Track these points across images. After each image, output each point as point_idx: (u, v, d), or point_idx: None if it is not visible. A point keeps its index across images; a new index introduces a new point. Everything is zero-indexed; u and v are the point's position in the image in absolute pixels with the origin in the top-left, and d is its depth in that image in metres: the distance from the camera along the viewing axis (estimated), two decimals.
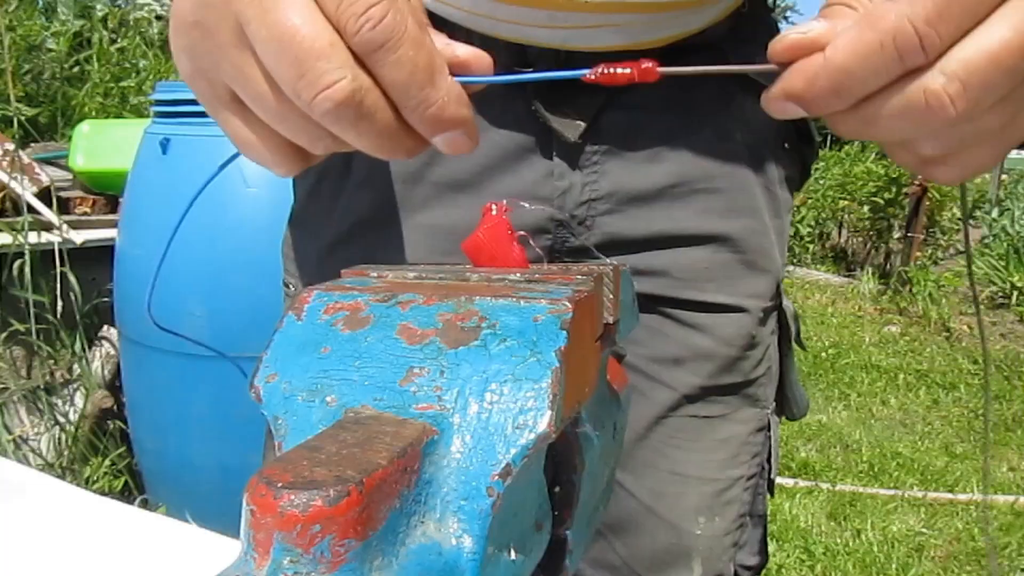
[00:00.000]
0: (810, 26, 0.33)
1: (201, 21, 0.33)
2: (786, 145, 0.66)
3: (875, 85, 0.30)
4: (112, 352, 2.16)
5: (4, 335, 1.98)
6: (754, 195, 0.63)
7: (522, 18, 0.55)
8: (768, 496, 0.70)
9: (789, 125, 0.66)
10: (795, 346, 0.72)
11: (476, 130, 0.34)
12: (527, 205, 0.36)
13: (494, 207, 0.36)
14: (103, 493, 1.71)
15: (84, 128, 2.27)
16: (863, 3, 0.32)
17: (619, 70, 0.35)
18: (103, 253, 2.03)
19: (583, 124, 0.58)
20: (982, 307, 4.50)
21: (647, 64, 0.35)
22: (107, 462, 2.01)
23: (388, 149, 0.34)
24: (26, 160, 2.15)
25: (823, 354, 3.85)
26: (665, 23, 0.56)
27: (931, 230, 5.14)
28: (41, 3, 3.42)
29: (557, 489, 0.32)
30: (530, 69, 0.57)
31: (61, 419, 2.07)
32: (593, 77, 0.35)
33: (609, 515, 0.66)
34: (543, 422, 0.24)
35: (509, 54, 0.56)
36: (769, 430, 0.69)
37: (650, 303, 0.63)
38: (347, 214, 0.63)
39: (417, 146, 0.34)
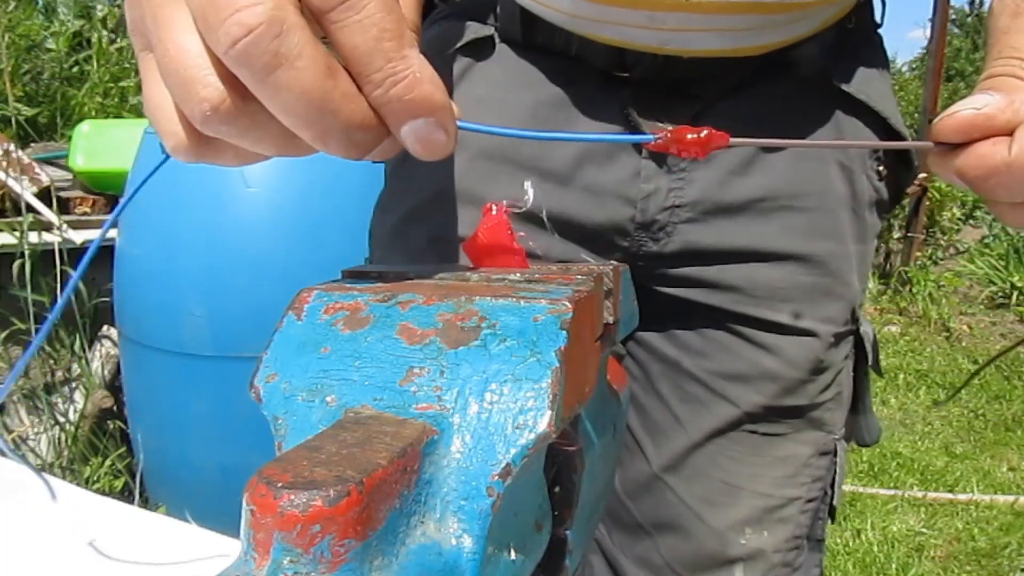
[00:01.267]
0: (982, 100, 0.30)
1: None
2: (881, 169, 0.64)
3: None
4: (112, 352, 2.16)
5: (4, 335, 1.98)
6: (840, 218, 0.62)
7: (622, 19, 0.53)
8: (829, 522, 0.69)
9: (888, 150, 0.64)
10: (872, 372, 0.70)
11: (455, 124, 0.29)
12: (526, 206, 0.35)
13: (494, 207, 0.36)
14: (103, 493, 1.71)
15: (84, 128, 2.27)
16: None
17: (689, 136, 0.31)
18: (103, 253, 2.03)
19: None
20: (981, 307, 4.50)
21: (717, 133, 0.31)
22: (107, 462, 2.01)
23: (319, 128, 0.26)
24: (26, 160, 2.15)
25: None
26: (770, 28, 0.54)
27: (931, 230, 5.13)
28: (41, 3, 3.42)
29: (557, 489, 0.32)
30: (626, 74, 0.56)
31: (61, 419, 2.07)
32: (658, 143, 0.31)
33: (656, 515, 0.66)
34: (543, 422, 0.24)
35: (609, 57, 0.56)
36: (835, 455, 0.67)
37: (720, 317, 0.63)
38: (425, 186, 0.61)
39: (367, 136, 0.27)
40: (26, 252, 1.96)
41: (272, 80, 0.25)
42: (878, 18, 0.64)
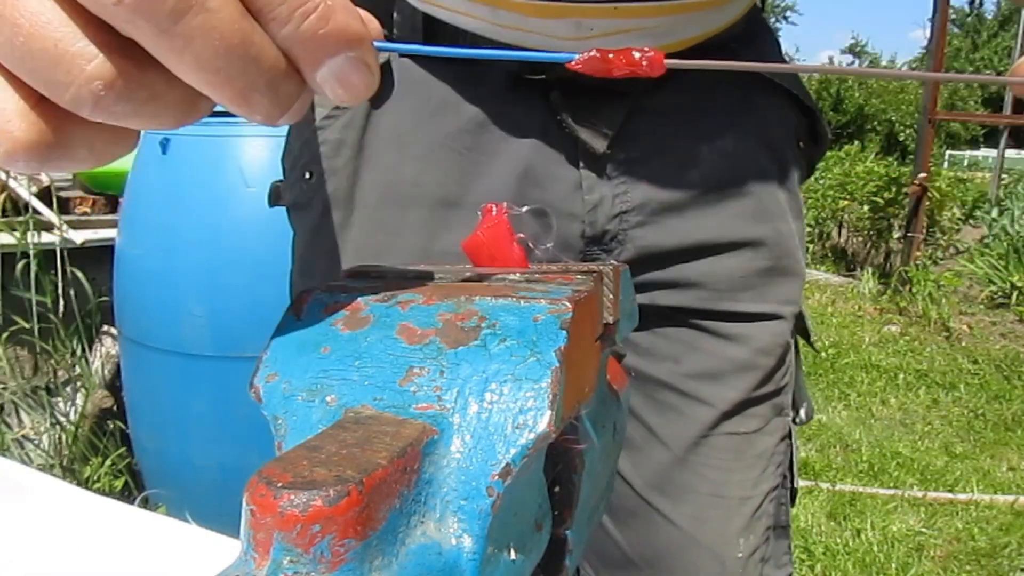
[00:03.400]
0: None
1: None
2: (800, 144, 0.64)
3: None
4: (112, 352, 2.17)
5: (5, 335, 1.99)
6: (779, 197, 0.62)
7: (547, 30, 0.51)
8: (790, 506, 0.68)
9: (804, 123, 0.64)
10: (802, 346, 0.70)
11: (376, 60, 0.24)
12: (522, 209, 0.34)
13: (494, 207, 0.36)
14: (103, 493, 1.71)
15: None
16: None
17: (614, 56, 0.26)
18: (103, 253, 2.03)
19: (610, 133, 0.55)
20: (981, 307, 4.50)
21: (651, 54, 0.26)
22: (107, 462, 2.01)
23: (243, 82, 0.22)
24: None
25: (823, 354, 3.85)
26: (693, 22, 0.54)
27: (931, 230, 5.14)
28: None
29: (557, 489, 0.32)
30: (541, 76, 0.54)
31: (61, 419, 2.07)
32: (580, 66, 0.26)
33: (647, 547, 0.63)
34: (543, 422, 0.24)
35: (522, 61, 0.53)
36: (791, 438, 0.66)
37: (684, 317, 0.61)
38: (357, 250, 0.58)
39: (291, 86, 0.23)
40: (31, 252, 1.96)
41: (181, 29, 0.20)
42: (758, 3, 0.65)
